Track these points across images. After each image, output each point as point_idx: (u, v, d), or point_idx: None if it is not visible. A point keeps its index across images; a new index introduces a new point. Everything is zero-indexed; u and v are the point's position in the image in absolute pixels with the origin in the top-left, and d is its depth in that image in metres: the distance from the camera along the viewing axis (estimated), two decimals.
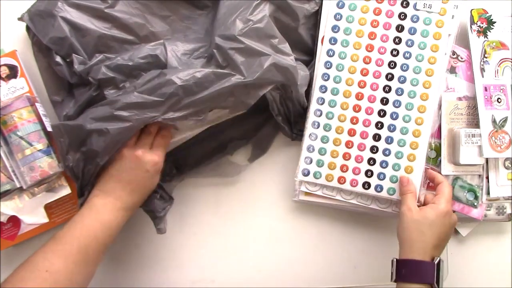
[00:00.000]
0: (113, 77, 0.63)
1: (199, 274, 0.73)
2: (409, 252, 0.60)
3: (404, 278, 0.59)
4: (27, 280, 0.53)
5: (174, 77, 0.59)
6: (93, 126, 0.59)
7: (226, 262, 0.73)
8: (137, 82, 0.61)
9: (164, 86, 0.59)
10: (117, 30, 0.65)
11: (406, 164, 0.67)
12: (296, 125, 0.70)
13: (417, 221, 0.60)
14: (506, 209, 0.72)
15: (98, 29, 0.64)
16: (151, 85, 0.60)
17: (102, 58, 0.64)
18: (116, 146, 0.60)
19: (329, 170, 0.68)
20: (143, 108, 0.59)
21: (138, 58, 0.63)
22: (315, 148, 0.68)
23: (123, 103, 0.59)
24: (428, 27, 0.67)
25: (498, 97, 0.69)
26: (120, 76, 0.63)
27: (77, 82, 0.66)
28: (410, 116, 0.67)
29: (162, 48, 0.64)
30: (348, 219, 0.73)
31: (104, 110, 0.60)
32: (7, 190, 0.66)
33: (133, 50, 0.65)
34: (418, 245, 0.59)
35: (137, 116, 0.59)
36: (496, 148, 0.68)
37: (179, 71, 0.60)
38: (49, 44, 0.64)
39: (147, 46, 0.65)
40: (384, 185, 0.67)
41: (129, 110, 0.59)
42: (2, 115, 0.66)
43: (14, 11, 0.67)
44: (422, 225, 0.60)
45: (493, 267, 0.75)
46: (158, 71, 0.61)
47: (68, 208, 0.69)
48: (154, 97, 0.59)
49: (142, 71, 0.63)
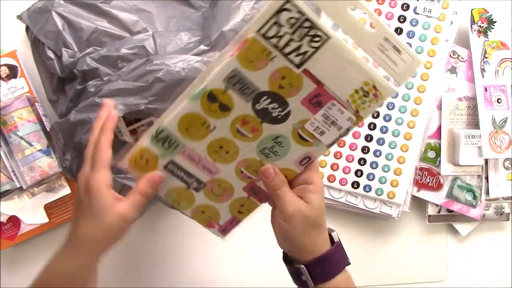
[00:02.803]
0: (97, 68, 0.61)
1: (199, 274, 0.73)
2: (312, 252, 0.49)
3: (322, 277, 0.49)
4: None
5: (160, 63, 0.57)
6: (77, 118, 0.58)
7: (226, 262, 0.73)
8: (122, 71, 0.60)
9: (150, 72, 0.57)
10: (111, 26, 0.65)
11: (396, 165, 0.68)
12: None
13: (312, 217, 0.48)
14: (505, 209, 0.72)
15: (91, 24, 0.64)
16: (136, 73, 0.58)
17: (91, 51, 0.63)
18: None
19: (319, 168, 0.68)
20: (127, 94, 0.57)
21: (125, 49, 0.62)
22: None
23: (106, 90, 0.58)
24: (427, 31, 0.67)
25: (498, 97, 0.68)
26: (105, 67, 0.61)
27: (67, 77, 0.65)
28: (403, 119, 0.67)
29: (150, 39, 0.63)
30: (346, 218, 0.73)
31: (88, 100, 0.59)
32: (7, 190, 0.66)
33: (121, 42, 0.64)
34: (319, 238, 0.49)
35: (120, 102, 0.57)
36: (496, 149, 0.68)
37: (167, 58, 0.58)
38: (42, 38, 0.64)
39: (135, 37, 0.64)
40: (373, 185, 0.68)
41: (112, 97, 0.57)
42: (2, 115, 0.66)
43: (14, 11, 0.67)
44: (318, 218, 0.49)
45: (493, 267, 0.75)
46: (145, 59, 0.60)
47: (68, 208, 0.69)
48: (139, 83, 0.57)
49: (128, 62, 0.61)
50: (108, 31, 0.64)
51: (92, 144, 0.48)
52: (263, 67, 0.43)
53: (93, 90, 0.60)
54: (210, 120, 0.47)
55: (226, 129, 0.47)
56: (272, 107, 0.46)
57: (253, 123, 0.47)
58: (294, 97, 0.44)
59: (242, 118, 0.47)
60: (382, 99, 0.43)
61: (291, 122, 0.46)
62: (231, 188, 0.51)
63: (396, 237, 0.74)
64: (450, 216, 0.72)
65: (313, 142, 0.47)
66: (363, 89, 0.43)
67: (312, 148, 0.47)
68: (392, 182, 0.67)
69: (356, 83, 0.43)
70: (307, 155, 0.48)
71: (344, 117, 0.45)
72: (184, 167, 0.50)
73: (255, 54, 0.43)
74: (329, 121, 0.45)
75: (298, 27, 0.41)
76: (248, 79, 0.44)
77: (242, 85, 0.45)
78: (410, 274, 0.74)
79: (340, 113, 0.45)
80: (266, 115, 0.46)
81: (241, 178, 0.50)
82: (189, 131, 0.48)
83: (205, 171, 0.50)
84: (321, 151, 0.47)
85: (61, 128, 0.60)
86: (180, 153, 0.49)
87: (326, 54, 0.42)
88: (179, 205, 0.53)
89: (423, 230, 0.74)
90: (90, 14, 0.65)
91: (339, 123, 0.45)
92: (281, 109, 0.45)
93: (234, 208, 0.52)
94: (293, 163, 0.48)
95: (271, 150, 0.48)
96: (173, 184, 0.51)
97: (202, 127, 0.47)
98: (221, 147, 0.49)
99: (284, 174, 0.49)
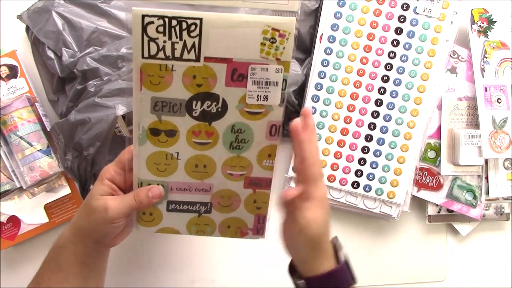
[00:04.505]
0: (97, 68, 0.61)
1: (199, 274, 0.73)
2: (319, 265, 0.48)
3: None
4: None
5: None
6: (77, 118, 0.59)
7: (226, 262, 0.73)
8: (122, 71, 0.60)
9: None
10: (111, 25, 0.65)
11: (396, 165, 0.67)
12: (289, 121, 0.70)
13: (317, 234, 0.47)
14: (505, 209, 0.72)
15: (91, 24, 0.64)
16: None
17: (91, 51, 0.63)
18: (99, 137, 0.58)
19: None
20: (127, 94, 0.58)
21: (125, 49, 0.62)
22: None
23: (106, 90, 0.58)
24: (427, 31, 0.66)
25: (498, 97, 0.68)
26: (105, 67, 0.62)
27: (67, 77, 0.65)
28: (403, 119, 0.67)
29: None
30: (346, 218, 0.73)
31: (88, 100, 0.59)
32: (7, 190, 0.66)
33: (121, 42, 0.64)
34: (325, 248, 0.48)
35: (120, 102, 0.57)
36: (496, 149, 0.68)
37: None
38: (42, 38, 0.64)
39: None
40: (373, 185, 0.68)
41: (111, 97, 0.58)
42: (2, 115, 0.66)
43: (14, 11, 0.67)
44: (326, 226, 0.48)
45: (493, 267, 0.75)
46: None
47: (68, 208, 0.69)
48: None
49: (129, 62, 0.61)
50: (108, 31, 0.65)
51: None
52: (171, 80, 0.44)
53: (93, 90, 0.60)
54: (169, 150, 0.48)
55: (187, 148, 0.48)
56: (207, 106, 0.46)
57: (203, 129, 0.47)
58: (217, 85, 0.44)
59: (191, 131, 0.47)
60: (290, 33, 0.42)
61: (233, 106, 0.46)
62: (234, 192, 0.51)
63: (396, 237, 0.74)
64: (450, 216, 0.72)
65: (265, 110, 0.46)
66: (266, 37, 0.42)
67: (269, 115, 0.47)
68: (392, 182, 0.67)
69: (256, 38, 0.42)
70: (271, 124, 0.47)
71: (272, 72, 0.44)
72: (182, 200, 0.51)
73: (156, 75, 0.43)
74: (262, 83, 0.45)
75: (169, 30, 0.41)
76: (169, 97, 0.45)
77: (168, 106, 0.45)
78: (410, 274, 0.74)
79: (265, 71, 0.44)
80: (208, 115, 0.46)
81: (235, 179, 0.50)
82: (160, 169, 0.49)
83: (202, 193, 0.51)
84: (279, 113, 0.47)
85: (61, 128, 0.60)
86: (169, 191, 0.50)
87: (210, 33, 0.42)
88: (205, 234, 0.54)
89: (423, 230, 0.74)
90: (90, 14, 0.65)
91: (272, 79, 0.44)
92: (216, 102, 0.45)
93: (251, 208, 0.52)
94: (265, 140, 0.48)
95: (238, 141, 0.48)
96: (186, 219, 0.52)
97: (168, 160, 0.48)
98: (196, 165, 0.49)
99: (268, 153, 0.49)
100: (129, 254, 0.73)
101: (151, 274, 0.73)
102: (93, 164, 0.61)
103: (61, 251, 0.51)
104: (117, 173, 0.50)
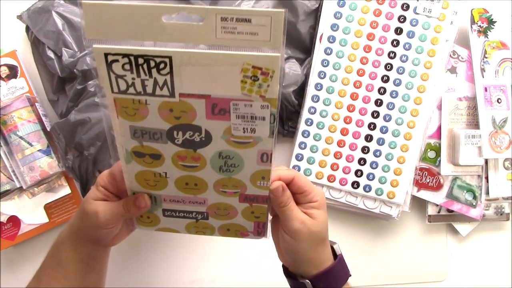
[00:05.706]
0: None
1: (199, 274, 0.73)
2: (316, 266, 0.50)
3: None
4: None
5: None
6: (77, 118, 0.59)
7: (226, 262, 0.73)
8: None
9: None
10: None
11: (396, 165, 0.67)
12: (288, 121, 0.70)
13: (317, 232, 0.48)
14: (505, 209, 0.72)
15: None
16: None
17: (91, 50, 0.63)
18: (99, 137, 0.58)
19: (319, 167, 0.68)
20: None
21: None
22: (307, 145, 0.68)
23: None
24: (427, 31, 0.66)
25: (498, 97, 0.68)
26: None
27: (67, 77, 0.65)
28: (403, 119, 0.67)
29: None
30: (346, 218, 0.73)
31: (88, 100, 0.59)
32: (7, 190, 0.66)
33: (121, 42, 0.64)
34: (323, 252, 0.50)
35: None
36: (496, 149, 0.68)
37: None
38: (42, 38, 0.64)
39: None
40: (373, 185, 0.67)
41: None
42: (2, 115, 0.66)
43: (14, 11, 0.67)
44: (323, 232, 0.49)
45: (493, 267, 0.75)
46: None
47: (68, 208, 0.70)
48: None
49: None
50: None
51: None
52: (147, 112, 0.41)
53: (93, 90, 0.60)
54: (157, 169, 0.46)
55: (175, 170, 0.46)
56: (189, 136, 0.42)
57: (189, 154, 0.44)
58: (197, 118, 0.41)
59: (176, 155, 0.44)
60: (273, 71, 0.37)
61: (218, 137, 0.42)
62: (230, 205, 0.50)
63: (396, 237, 0.74)
64: (450, 216, 0.72)
65: (253, 140, 0.42)
66: (247, 75, 0.37)
67: (259, 145, 0.43)
68: (392, 182, 0.67)
69: (235, 76, 0.37)
70: (261, 152, 0.44)
71: (257, 108, 0.40)
72: (177, 209, 0.50)
73: (130, 107, 0.40)
74: (247, 118, 0.40)
75: (137, 68, 0.38)
76: (147, 127, 0.42)
77: (148, 134, 0.42)
78: (410, 274, 0.74)
79: (249, 107, 0.39)
80: (192, 143, 0.43)
81: (228, 195, 0.48)
82: (150, 184, 0.47)
83: (196, 204, 0.49)
84: (268, 143, 0.43)
85: (61, 128, 0.60)
86: (163, 202, 0.49)
87: (183, 70, 0.37)
88: (205, 234, 0.53)
89: (423, 230, 0.74)
90: None
91: (258, 114, 0.40)
92: (198, 133, 0.42)
93: (249, 217, 0.51)
94: (257, 165, 0.45)
95: (227, 166, 0.45)
96: (184, 223, 0.52)
97: (157, 177, 0.46)
98: (187, 183, 0.47)
99: (261, 176, 0.46)
100: (129, 254, 0.73)
101: (151, 274, 0.73)
102: (95, 163, 0.62)
103: (61, 247, 0.51)
104: (110, 182, 0.49)
